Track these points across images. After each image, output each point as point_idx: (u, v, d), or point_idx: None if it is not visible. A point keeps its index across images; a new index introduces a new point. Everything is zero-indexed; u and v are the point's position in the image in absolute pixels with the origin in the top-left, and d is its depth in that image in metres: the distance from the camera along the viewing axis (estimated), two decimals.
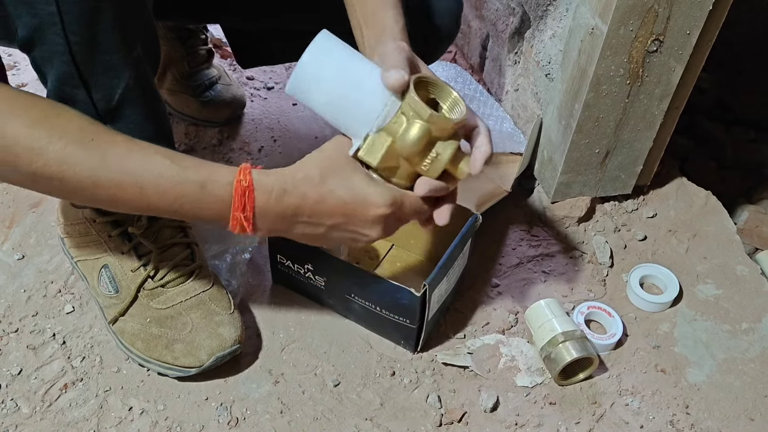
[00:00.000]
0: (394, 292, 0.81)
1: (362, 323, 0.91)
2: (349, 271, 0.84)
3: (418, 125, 0.63)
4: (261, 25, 1.04)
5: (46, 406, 0.81)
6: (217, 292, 0.87)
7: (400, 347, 0.89)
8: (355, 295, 0.86)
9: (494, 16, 1.27)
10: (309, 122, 1.28)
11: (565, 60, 0.99)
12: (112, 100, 0.72)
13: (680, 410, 0.85)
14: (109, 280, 0.87)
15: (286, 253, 0.89)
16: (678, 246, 1.06)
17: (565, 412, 0.84)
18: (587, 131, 0.99)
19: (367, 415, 0.83)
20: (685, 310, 0.97)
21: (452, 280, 0.89)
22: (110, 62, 0.69)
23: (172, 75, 1.20)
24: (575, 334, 0.86)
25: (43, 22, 0.64)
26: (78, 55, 0.67)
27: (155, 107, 0.78)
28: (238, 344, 0.83)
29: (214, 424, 0.81)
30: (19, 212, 1.03)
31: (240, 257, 0.98)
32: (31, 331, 0.88)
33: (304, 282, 0.91)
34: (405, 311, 0.83)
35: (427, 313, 0.82)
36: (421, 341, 0.87)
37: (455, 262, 0.86)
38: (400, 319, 0.84)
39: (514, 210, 1.10)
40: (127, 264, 0.86)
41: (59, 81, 0.69)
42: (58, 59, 0.67)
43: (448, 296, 0.91)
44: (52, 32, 0.65)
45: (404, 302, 0.82)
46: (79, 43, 0.66)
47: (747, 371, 0.90)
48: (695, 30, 0.89)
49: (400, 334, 0.88)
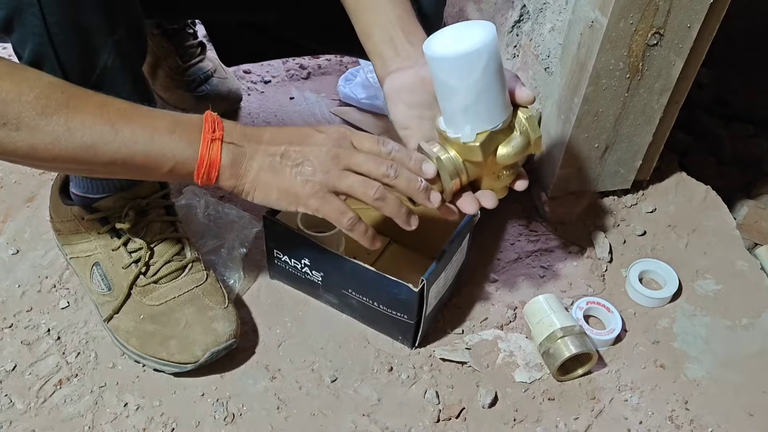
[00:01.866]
0: (392, 288, 0.80)
1: (359, 319, 0.91)
2: (346, 266, 0.83)
3: (524, 141, 0.70)
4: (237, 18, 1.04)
5: (41, 402, 0.80)
6: (211, 286, 0.86)
7: (397, 342, 0.89)
8: (352, 290, 0.86)
9: (493, 9, 1.26)
10: (306, 116, 1.27)
11: (564, 53, 0.99)
12: (88, 82, 0.71)
13: (679, 406, 0.85)
14: (101, 277, 0.86)
15: (283, 248, 0.89)
16: (677, 241, 1.05)
17: (564, 408, 0.84)
18: (586, 125, 0.98)
19: (365, 411, 0.82)
20: (684, 306, 0.97)
21: (450, 276, 0.88)
22: (89, 43, 0.69)
23: (164, 72, 1.19)
24: (574, 329, 0.85)
25: (21, 3, 0.64)
26: (56, 36, 0.66)
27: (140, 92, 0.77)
28: (234, 339, 0.83)
29: (210, 420, 0.80)
30: (14, 207, 1.03)
31: (236, 252, 0.97)
32: (26, 327, 0.87)
33: (301, 277, 0.90)
34: (403, 307, 0.82)
35: (425, 308, 0.82)
36: (419, 337, 0.86)
37: (453, 257, 0.85)
38: (397, 315, 0.84)
39: (513, 205, 1.09)
40: (118, 261, 0.85)
41: (34, 62, 0.68)
42: (35, 40, 0.66)
43: (446, 292, 0.90)
44: (30, 13, 0.64)
45: (402, 297, 0.81)
46: (57, 23, 0.66)
47: (746, 367, 0.90)
48: (696, 23, 0.89)
49: (398, 330, 0.87)
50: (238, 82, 1.28)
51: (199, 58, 1.22)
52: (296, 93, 1.32)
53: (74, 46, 0.68)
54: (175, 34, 1.18)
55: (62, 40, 0.67)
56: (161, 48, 1.18)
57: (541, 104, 1.09)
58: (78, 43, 0.68)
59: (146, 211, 0.85)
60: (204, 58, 1.23)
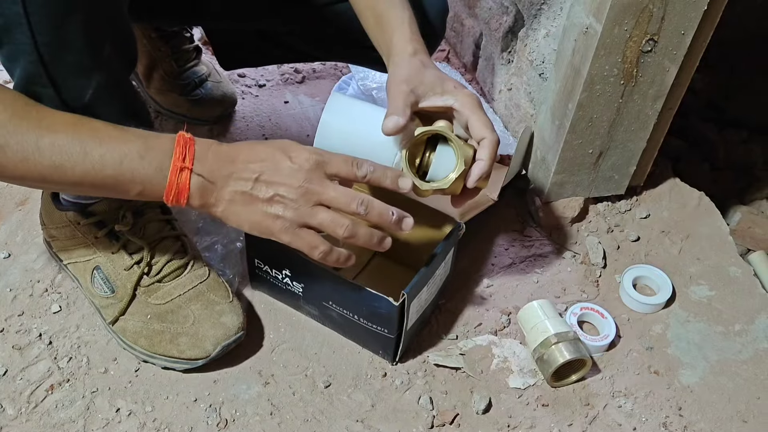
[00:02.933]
0: (372, 301, 0.79)
1: (340, 332, 0.89)
2: (327, 278, 0.82)
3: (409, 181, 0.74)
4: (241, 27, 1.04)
5: (32, 408, 0.80)
6: (214, 281, 0.87)
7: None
8: (333, 302, 0.84)
9: (487, 15, 1.26)
10: (300, 120, 1.27)
11: (558, 59, 0.99)
12: (83, 99, 0.71)
13: (673, 412, 0.85)
14: (103, 280, 0.86)
15: (264, 257, 0.88)
16: (671, 247, 1.06)
17: (558, 414, 0.84)
18: (580, 131, 0.98)
19: (358, 417, 0.82)
20: (678, 312, 0.97)
21: (433, 290, 0.87)
22: (79, 63, 0.69)
23: (159, 75, 1.19)
24: (568, 335, 0.85)
25: (9, 21, 0.63)
26: (46, 55, 0.66)
27: (130, 105, 0.77)
28: (242, 331, 0.84)
29: (203, 426, 0.79)
30: (5, 210, 1.02)
31: (232, 246, 0.97)
32: (17, 331, 0.87)
33: (282, 288, 0.89)
34: (383, 320, 0.81)
35: (405, 323, 0.80)
36: (399, 352, 0.85)
37: (437, 271, 0.84)
38: (378, 329, 0.82)
39: (507, 210, 1.09)
40: (119, 263, 0.85)
41: (26, 80, 0.68)
42: (25, 58, 0.66)
43: (428, 306, 0.89)
44: (19, 32, 0.64)
45: (382, 311, 0.79)
46: (47, 43, 0.65)
47: (740, 373, 0.90)
48: (690, 30, 0.89)
49: (379, 344, 0.86)
50: (233, 86, 1.28)
51: (194, 62, 1.21)
52: (291, 97, 1.32)
53: (65, 64, 0.68)
54: (172, 37, 1.18)
55: (52, 58, 0.67)
56: (158, 51, 1.17)
57: (536, 110, 1.09)
58: (67, 64, 0.68)
59: (142, 211, 0.85)
60: (199, 62, 1.22)
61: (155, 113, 1.21)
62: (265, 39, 1.06)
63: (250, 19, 0.99)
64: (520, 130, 1.16)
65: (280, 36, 1.05)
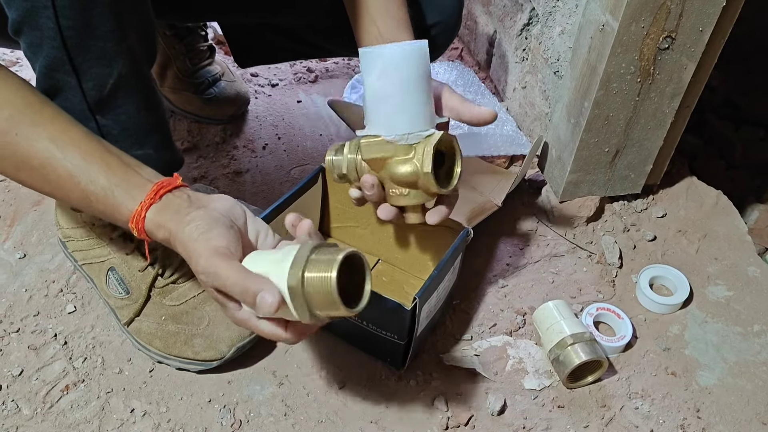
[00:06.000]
0: (383, 305, 0.77)
1: (347, 339, 0.88)
2: None
3: (413, 169, 0.71)
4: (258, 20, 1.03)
5: (47, 408, 0.80)
6: None
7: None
8: None
9: (502, 12, 1.25)
10: (314, 120, 1.26)
11: (574, 57, 0.98)
12: (104, 88, 0.70)
13: (691, 414, 0.84)
14: (117, 282, 0.86)
15: None
16: (688, 246, 1.04)
17: (574, 416, 0.83)
18: (596, 130, 0.97)
19: (373, 418, 0.81)
20: (695, 312, 0.96)
21: (441, 296, 0.86)
22: (103, 49, 0.68)
23: (172, 73, 1.19)
24: (584, 336, 0.85)
25: (35, 6, 0.63)
26: (70, 40, 0.65)
27: (149, 98, 0.77)
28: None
29: (217, 427, 0.79)
30: (21, 210, 1.02)
31: None
32: (33, 331, 0.87)
33: None
34: (393, 326, 0.80)
35: (416, 328, 0.80)
36: (408, 359, 0.84)
37: (446, 276, 0.84)
38: (387, 335, 0.81)
39: (522, 209, 1.08)
40: (134, 264, 0.85)
41: (48, 67, 0.67)
42: (49, 44, 0.65)
43: (436, 313, 0.88)
44: (44, 16, 0.63)
45: (393, 316, 0.78)
46: (72, 27, 0.65)
47: (759, 374, 0.88)
48: (708, 27, 0.88)
49: (387, 351, 0.84)
50: (246, 86, 1.28)
51: (208, 60, 1.21)
52: (304, 96, 1.32)
53: (88, 51, 0.67)
54: (187, 34, 1.18)
55: (76, 44, 0.66)
56: (172, 49, 1.17)
57: (551, 108, 1.08)
58: (92, 50, 0.67)
59: None
60: (213, 62, 1.22)
61: (168, 113, 1.21)
62: (281, 34, 1.05)
63: (267, 10, 0.98)
64: (534, 128, 1.16)
65: (296, 30, 1.04)
